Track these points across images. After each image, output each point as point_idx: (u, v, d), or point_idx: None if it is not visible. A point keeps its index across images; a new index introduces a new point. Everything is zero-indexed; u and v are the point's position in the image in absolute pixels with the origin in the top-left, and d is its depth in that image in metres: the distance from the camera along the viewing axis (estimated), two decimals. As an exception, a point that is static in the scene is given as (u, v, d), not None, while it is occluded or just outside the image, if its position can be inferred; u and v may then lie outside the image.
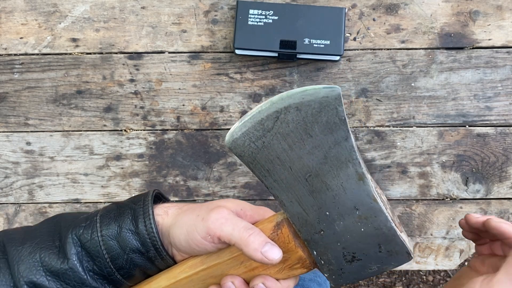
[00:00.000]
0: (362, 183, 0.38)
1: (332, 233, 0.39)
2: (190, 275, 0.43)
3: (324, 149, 0.37)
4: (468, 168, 0.72)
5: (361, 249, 0.39)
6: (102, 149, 0.72)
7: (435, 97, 0.72)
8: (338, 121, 0.36)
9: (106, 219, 0.43)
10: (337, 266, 0.41)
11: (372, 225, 0.38)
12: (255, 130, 0.37)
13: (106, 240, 0.41)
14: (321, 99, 0.36)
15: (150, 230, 0.41)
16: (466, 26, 0.71)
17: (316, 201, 0.39)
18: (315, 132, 0.37)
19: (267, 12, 0.68)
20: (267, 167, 0.38)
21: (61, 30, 0.72)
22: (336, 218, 0.39)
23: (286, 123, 0.37)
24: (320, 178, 0.38)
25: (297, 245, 0.41)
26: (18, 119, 0.72)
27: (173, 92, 0.72)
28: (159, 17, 0.72)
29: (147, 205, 0.43)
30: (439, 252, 0.74)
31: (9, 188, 0.73)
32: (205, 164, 0.73)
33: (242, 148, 0.38)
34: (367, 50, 0.72)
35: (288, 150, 0.38)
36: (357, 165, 0.37)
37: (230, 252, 0.42)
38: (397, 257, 0.40)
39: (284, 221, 0.41)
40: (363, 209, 0.38)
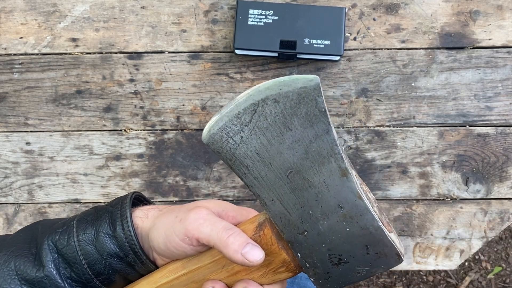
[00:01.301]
0: (345, 179, 0.36)
1: (316, 234, 0.37)
2: (171, 280, 0.41)
3: (304, 144, 0.35)
4: (469, 168, 0.72)
5: (347, 251, 0.37)
6: (102, 149, 0.72)
7: (435, 97, 0.72)
8: (318, 113, 0.34)
9: (83, 224, 0.41)
10: (323, 270, 0.39)
11: (358, 225, 0.36)
12: (233, 125, 0.36)
13: (83, 245, 0.40)
14: (300, 90, 0.34)
15: (128, 234, 0.40)
16: (466, 26, 0.71)
17: (298, 200, 0.37)
18: (295, 125, 0.35)
19: (267, 12, 0.68)
20: (246, 164, 0.37)
21: (60, 30, 0.72)
22: (320, 217, 0.37)
23: (264, 116, 0.35)
24: (302, 174, 0.36)
25: (281, 247, 0.39)
26: (18, 119, 0.72)
27: (173, 92, 0.72)
28: (159, 17, 0.71)
29: (125, 207, 0.41)
30: (440, 252, 0.74)
31: (9, 188, 0.73)
32: (205, 164, 0.72)
33: (219, 144, 0.36)
34: (367, 50, 0.72)
35: (267, 145, 0.36)
36: (339, 160, 0.35)
37: (211, 256, 0.40)
38: (386, 260, 0.38)
39: (267, 221, 0.39)
40: (348, 207, 0.36)
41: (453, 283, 1.48)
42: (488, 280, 1.49)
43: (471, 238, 0.73)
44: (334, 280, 0.39)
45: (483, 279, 1.49)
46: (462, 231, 0.73)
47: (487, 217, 0.73)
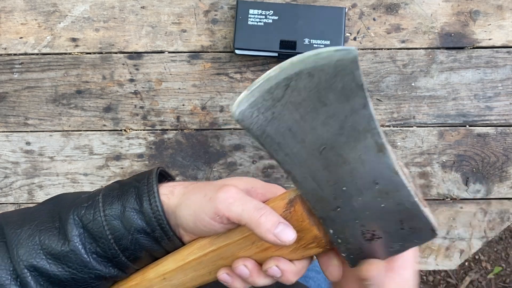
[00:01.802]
0: (382, 155, 0.34)
1: (349, 210, 0.36)
2: (199, 257, 0.41)
3: (340, 119, 0.33)
4: (469, 168, 0.72)
5: (381, 227, 0.36)
6: (102, 149, 0.72)
7: (435, 97, 0.72)
8: (355, 87, 0.32)
9: (109, 198, 0.40)
10: (355, 245, 0.38)
11: (393, 200, 0.35)
12: (264, 100, 0.34)
13: (109, 220, 0.39)
14: (336, 63, 0.32)
15: (156, 209, 0.39)
16: (466, 26, 0.71)
17: (331, 176, 0.35)
18: (330, 100, 0.33)
19: (267, 12, 0.68)
20: (277, 140, 0.35)
21: (60, 30, 0.72)
22: (354, 193, 0.35)
23: (297, 91, 0.33)
24: (336, 150, 0.34)
25: (312, 223, 0.38)
26: (18, 119, 0.72)
27: (173, 92, 0.72)
28: (159, 16, 0.71)
29: (152, 183, 0.40)
30: (439, 252, 0.74)
31: (9, 188, 0.73)
32: (205, 164, 0.72)
33: (250, 120, 0.34)
34: (367, 50, 0.72)
35: (300, 121, 0.34)
36: (376, 135, 0.33)
37: (241, 232, 0.39)
38: (420, 234, 0.36)
39: (297, 198, 0.38)
40: (384, 183, 0.34)
41: (453, 283, 1.48)
42: (488, 280, 1.49)
43: (471, 238, 0.73)
44: (366, 256, 0.38)
45: (483, 279, 1.49)
46: (462, 231, 0.73)
47: (487, 217, 0.73)
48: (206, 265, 0.41)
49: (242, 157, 0.72)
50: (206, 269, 0.42)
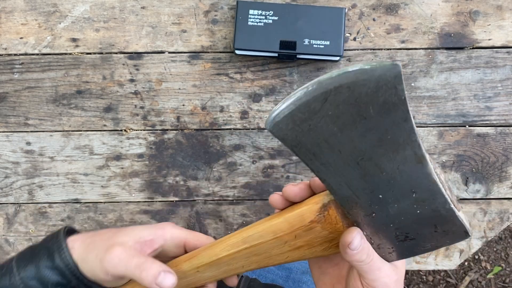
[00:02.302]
0: (421, 166, 0.34)
1: (385, 216, 0.36)
2: (232, 253, 0.43)
3: (379, 132, 0.33)
4: (468, 168, 0.72)
5: (415, 230, 0.37)
6: (102, 149, 0.72)
7: (435, 97, 0.72)
8: (397, 101, 0.31)
9: (22, 262, 0.43)
10: (388, 245, 0.38)
11: (429, 208, 0.35)
12: (300, 113, 0.33)
13: (26, 281, 0.42)
14: (378, 78, 0.31)
15: (67, 262, 0.42)
16: (466, 26, 0.71)
17: (368, 185, 0.35)
18: (370, 113, 0.32)
19: (267, 13, 0.68)
20: (313, 151, 0.34)
21: (61, 30, 0.72)
22: (390, 201, 0.35)
23: (335, 104, 0.32)
24: (374, 161, 0.34)
25: (346, 225, 0.38)
26: (18, 119, 0.72)
27: (173, 92, 0.72)
28: (159, 17, 0.72)
29: (60, 240, 0.44)
30: (439, 252, 0.74)
31: (9, 188, 0.73)
32: (205, 164, 0.73)
33: (285, 131, 0.34)
34: (367, 50, 0.72)
35: (337, 133, 0.33)
36: (416, 148, 0.33)
37: (273, 233, 0.40)
38: (453, 236, 0.37)
39: (331, 203, 0.39)
40: (421, 192, 0.35)
41: (452, 282, 1.48)
42: (488, 280, 1.49)
43: (471, 238, 0.73)
44: (397, 253, 0.39)
45: (483, 279, 1.49)
46: (462, 231, 0.73)
47: (487, 217, 0.73)
48: (239, 260, 0.43)
49: (242, 157, 0.72)
50: (239, 264, 0.43)
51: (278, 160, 0.73)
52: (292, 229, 0.40)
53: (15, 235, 0.74)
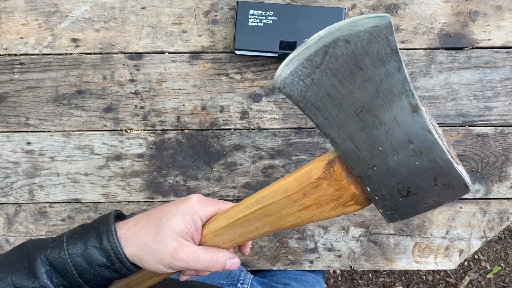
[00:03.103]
0: (416, 115, 0.36)
1: (386, 168, 0.38)
2: (247, 215, 0.45)
3: (375, 82, 0.36)
4: (468, 168, 0.72)
5: (416, 183, 0.38)
6: (102, 149, 0.72)
7: (434, 97, 0.72)
8: (389, 51, 0.35)
9: (72, 239, 0.46)
10: (391, 202, 0.40)
11: (427, 158, 0.37)
12: (304, 67, 0.36)
13: (73, 257, 0.45)
14: (371, 29, 0.34)
15: (114, 245, 0.45)
16: (465, 26, 0.72)
17: (368, 137, 0.37)
18: (366, 64, 0.35)
19: (267, 13, 0.68)
20: (317, 105, 0.37)
21: (61, 30, 0.72)
22: (390, 152, 0.37)
23: (335, 57, 0.35)
24: (372, 112, 0.37)
25: (350, 182, 0.40)
26: (19, 119, 0.72)
27: (173, 92, 0.72)
28: (159, 17, 0.72)
29: (110, 223, 0.46)
30: (439, 252, 0.74)
31: (9, 188, 0.73)
32: (205, 164, 0.73)
33: (291, 87, 0.37)
34: (367, 50, 0.72)
35: (338, 86, 0.36)
36: (410, 97, 0.36)
37: (284, 192, 0.43)
38: (454, 190, 0.38)
39: (336, 159, 0.41)
40: (418, 142, 0.37)
41: (452, 282, 1.48)
42: (488, 279, 1.49)
43: (471, 238, 0.74)
44: (402, 211, 0.40)
45: (483, 279, 1.49)
46: (462, 231, 0.74)
47: (487, 217, 0.73)
48: (253, 222, 0.45)
49: (242, 157, 0.73)
50: (254, 226, 0.45)
51: (278, 160, 0.73)
52: (301, 187, 0.42)
53: (15, 235, 0.74)
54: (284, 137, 0.72)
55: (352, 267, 0.75)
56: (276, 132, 0.72)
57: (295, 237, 0.74)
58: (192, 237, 0.46)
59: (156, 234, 0.45)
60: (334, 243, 0.74)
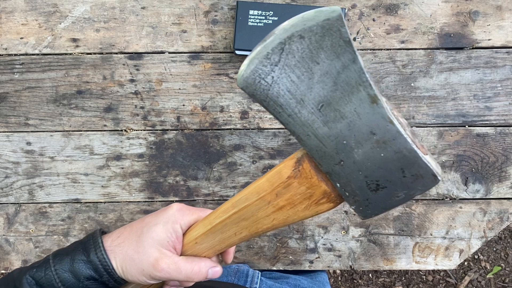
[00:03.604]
0: (376, 106, 0.36)
1: (352, 162, 0.38)
2: (224, 219, 0.45)
3: (333, 75, 0.36)
4: (468, 168, 0.72)
5: (384, 176, 0.38)
6: (102, 149, 0.72)
7: (434, 97, 0.72)
8: (343, 43, 0.35)
9: (58, 256, 0.46)
10: (362, 197, 0.40)
11: (391, 149, 0.37)
12: (263, 66, 0.37)
13: (60, 273, 0.45)
14: (323, 23, 0.35)
15: (101, 257, 0.45)
16: (465, 26, 0.72)
17: (332, 131, 0.38)
18: (322, 58, 0.36)
19: (267, 13, 0.68)
20: (279, 103, 0.38)
21: (61, 30, 0.72)
22: (354, 146, 0.37)
23: (291, 53, 0.36)
24: (333, 106, 0.37)
25: (320, 179, 0.40)
26: (19, 119, 0.72)
27: (173, 92, 0.72)
28: (159, 17, 0.72)
29: (96, 237, 0.47)
30: (439, 252, 0.74)
31: (9, 188, 0.73)
32: (205, 164, 0.73)
33: (253, 86, 0.37)
34: (367, 50, 0.72)
35: (297, 82, 0.37)
36: (368, 88, 0.36)
37: (257, 193, 0.43)
38: (423, 181, 0.38)
39: (305, 156, 0.41)
40: (380, 132, 0.37)
41: (452, 282, 1.48)
42: (487, 279, 1.49)
43: (471, 238, 0.74)
44: (374, 206, 0.40)
45: (483, 279, 1.49)
46: (462, 231, 0.74)
47: (487, 217, 0.73)
48: (231, 226, 0.45)
49: (242, 157, 0.72)
50: (232, 231, 0.45)
51: (278, 160, 0.73)
52: (273, 187, 0.42)
53: (15, 235, 0.74)
54: (284, 137, 0.72)
55: (352, 267, 0.75)
56: (276, 132, 0.72)
57: (295, 237, 0.74)
58: (174, 246, 0.47)
59: (138, 244, 0.46)
60: (334, 243, 0.74)
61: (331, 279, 1.48)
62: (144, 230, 0.46)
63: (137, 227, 0.47)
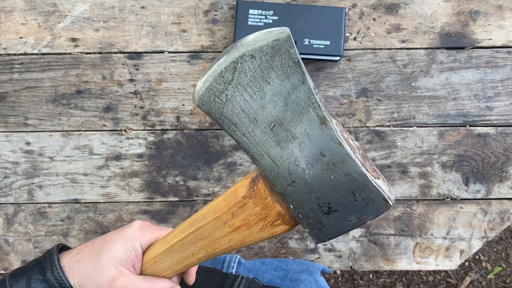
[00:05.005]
0: (325, 127, 0.37)
1: (303, 184, 0.39)
2: (181, 239, 0.45)
3: (283, 96, 0.37)
4: (469, 168, 0.72)
5: (335, 199, 0.39)
6: (102, 149, 0.72)
7: (435, 97, 0.71)
8: (292, 64, 0.36)
9: (14, 277, 0.46)
10: (315, 219, 0.40)
11: (341, 171, 0.37)
12: (217, 84, 0.37)
13: None
14: (273, 43, 0.36)
15: (57, 275, 0.45)
16: (466, 26, 0.71)
17: (284, 151, 0.38)
18: (272, 78, 0.37)
19: (267, 12, 0.68)
20: (234, 121, 0.38)
21: (60, 30, 0.71)
22: (305, 167, 0.38)
23: (244, 72, 0.37)
24: (284, 126, 0.38)
25: (274, 200, 0.41)
26: (18, 119, 0.72)
27: (173, 92, 0.72)
28: (159, 16, 0.71)
29: (52, 255, 0.46)
30: (440, 252, 0.74)
31: (9, 188, 0.73)
32: (205, 164, 0.72)
33: (208, 104, 0.38)
34: (367, 50, 0.71)
35: (250, 101, 0.38)
36: (317, 109, 0.37)
37: (213, 213, 0.43)
38: (374, 205, 0.38)
39: (259, 176, 0.41)
40: (330, 154, 0.37)
41: (453, 283, 1.48)
42: (488, 280, 1.49)
43: (471, 238, 0.73)
44: (327, 230, 0.40)
45: (483, 279, 1.49)
46: (462, 231, 0.73)
47: (487, 217, 0.73)
48: (188, 246, 0.45)
49: (242, 157, 0.72)
50: (189, 251, 0.45)
51: (278, 160, 0.72)
52: (228, 207, 0.42)
53: (15, 235, 0.73)
54: (284, 137, 0.72)
55: (352, 268, 0.75)
56: (276, 132, 0.72)
57: (295, 237, 0.74)
58: (133, 264, 0.46)
59: (96, 262, 0.45)
60: (334, 243, 0.74)
61: (331, 280, 1.48)
62: (104, 247, 0.46)
63: (98, 243, 0.47)
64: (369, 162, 0.40)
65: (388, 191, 0.39)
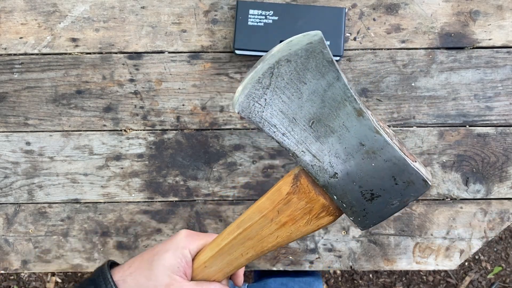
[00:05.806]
0: (362, 118, 0.39)
1: (346, 174, 0.40)
2: (230, 241, 0.47)
3: (320, 94, 0.39)
4: (469, 168, 0.72)
5: (377, 185, 0.40)
6: (102, 149, 0.72)
7: (435, 97, 0.72)
8: (326, 64, 0.38)
9: None
10: (359, 207, 0.42)
11: (381, 158, 0.39)
12: (256, 90, 0.39)
13: None
14: (306, 46, 0.38)
15: None
16: (466, 26, 0.71)
17: (324, 146, 0.40)
18: (308, 78, 0.39)
19: (267, 13, 0.68)
20: (273, 123, 0.40)
21: (60, 30, 0.72)
22: (346, 158, 0.40)
23: (281, 76, 0.39)
24: (323, 122, 0.40)
25: (318, 193, 0.42)
26: (18, 119, 0.72)
27: (173, 92, 0.72)
28: (159, 17, 0.71)
29: (105, 271, 0.48)
30: (440, 252, 0.74)
31: (9, 188, 0.73)
32: (205, 164, 0.72)
33: (248, 109, 0.40)
34: (367, 50, 0.72)
35: (288, 102, 0.40)
36: (353, 102, 0.39)
37: (259, 212, 0.45)
38: (414, 187, 0.40)
39: (301, 172, 0.43)
40: (369, 143, 0.39)
41: (453, 283, 1.48)
42: (488, 280, 1.49)
43: (471, 238, 0.73)
44: (371, 216, 0.42)
45: (483, 279, 1.49)
46: (462, 231, 0.73)
47: (487, 217, 0.73)
48: (237, 247, 0.47)
49: (242, 157, 0.72)
50: (238, 251, 0.47)
51: (278, 160, 0.72)
52: (274, 204, 0.44)
53: (15, 235, 0.74)
54: (284, 137, 0.72)
55: (352, 268, 0.75)
56: (276, 132, 0.72)
57: (295, 237, 0.74)
58: (185, 271, 0.47)
59: (150, 272, 0.47)
60: (334, 243, 0.74)
61: (331, 280, 1.48)
62: (155, 258, 0.47)
63: (148, 256, 0.48)
64: (406, 147, 0.42)
65: (426, 173, 0.41)
